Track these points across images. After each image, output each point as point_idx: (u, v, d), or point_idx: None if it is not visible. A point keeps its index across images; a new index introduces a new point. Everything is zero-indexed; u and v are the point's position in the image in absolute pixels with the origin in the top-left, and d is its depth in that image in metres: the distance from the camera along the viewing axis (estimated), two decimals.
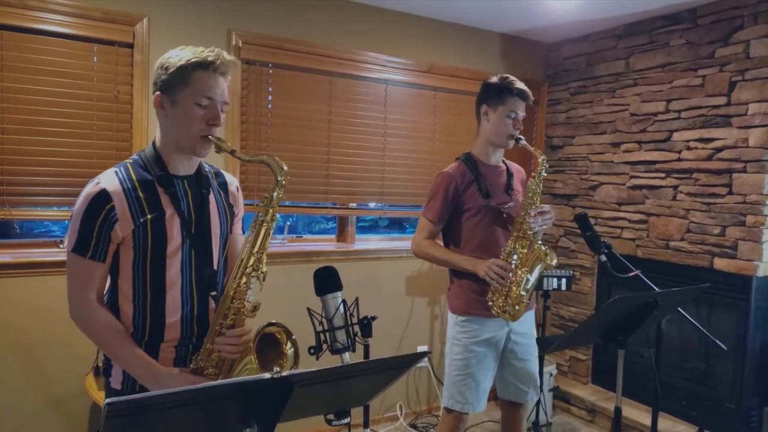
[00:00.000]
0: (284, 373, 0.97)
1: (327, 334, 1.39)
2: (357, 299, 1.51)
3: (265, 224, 1.48)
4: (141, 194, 1.45)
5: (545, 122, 4.12)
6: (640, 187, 3.49)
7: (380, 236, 3.93)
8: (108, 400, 0.85)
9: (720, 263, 3.07)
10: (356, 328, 1.46)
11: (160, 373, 1.44)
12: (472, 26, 3.73)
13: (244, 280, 1.47)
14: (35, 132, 2.59)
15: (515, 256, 2.19)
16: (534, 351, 2.37)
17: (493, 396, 2.61)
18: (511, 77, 2.30)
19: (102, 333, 1.46)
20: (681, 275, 3.28)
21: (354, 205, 3.50)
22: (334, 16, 3.25)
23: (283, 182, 1.50)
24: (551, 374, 3.64)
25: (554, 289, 3.13)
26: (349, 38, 3.31)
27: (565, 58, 3.96)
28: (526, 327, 2.35)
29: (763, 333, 3.04)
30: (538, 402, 3.21)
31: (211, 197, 1.59)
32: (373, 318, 1.48)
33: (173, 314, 1.49)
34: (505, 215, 2.29)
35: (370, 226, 4.79)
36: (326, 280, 1.48)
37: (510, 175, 2.39)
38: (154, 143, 1.53)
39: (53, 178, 2.64)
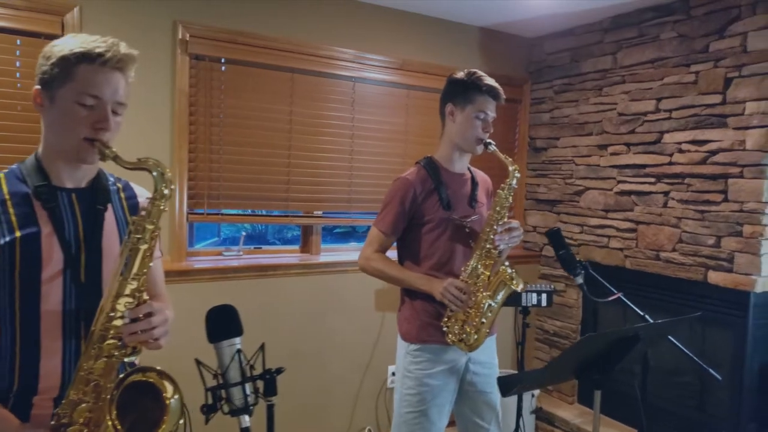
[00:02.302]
0: None
1: (221, 391, 1.12)
2: (263, 345, 1.23)
3: (143, 244, 1.20)
4: (11, 209, 1.19)
5: (528, 122, 3.85)
6: (628, 193, 3.22)
7: (352, 245, 3.64)
8: None
9: (715, 277, 2.80)
10: (258, 384, 1.18)
11: (8, 428, 1.17)
12: (449, 20, 3.46)
13: (118, 313, 1.19)
14: None
15: (478, 277, 1.92)
16: (495, 381, 2.09)
17: None
18: (480, 72, 2.03)
19: None
20: (673, 289, 3.02)
21: (320, 213, 3.22)
22: (296, 8, 2.98)
23: (167, 192, 1.23)
24: (533, 395, 3.37)
25: (534, 305, 2.86)
26: (313, 32, 3.04)
27: (549, 53, 3.69)
28: (486, 356, 2.07)
29: (762, 354, 2.77)
30: (518, 425, 2.95)
31: (109, 214, 1.32)
32: (279, 371, 1.20)
33: (51, 357, 1.22)
34: (467, 230, 2.01)
35: (348, 233, 4.52)
36: (221, 323, 1.20)
37: (475, 184, 2.11)
38: (36, 150, 1.27)
39: None
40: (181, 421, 1.14)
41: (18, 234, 1.18)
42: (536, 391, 3.40)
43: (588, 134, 3.44)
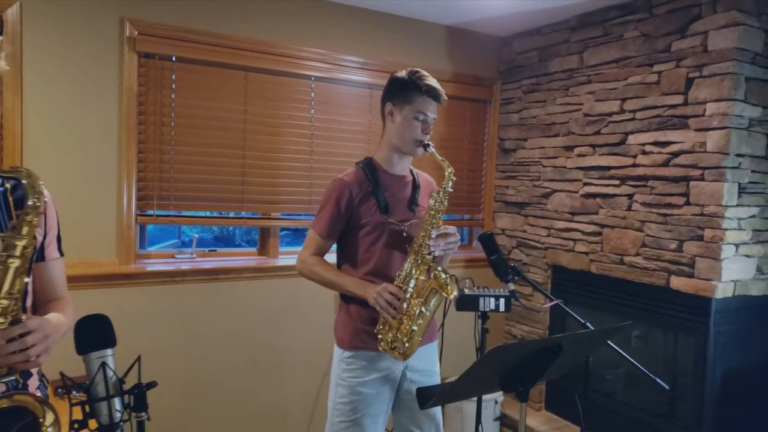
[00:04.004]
0: None
1: (86, 406, 1.05)
2: (139, 357, 1.16)
3: (14, 261, 1.13)
4: None
5: (498, 123, 3.77)
6: (593, 195, 3.15)
7: None
8: None
9: (677, 282, 2.73)
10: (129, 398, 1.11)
11: None
12: (414, 18, 3.39)
13: None
14: None
15: (411, 283, 1.85)
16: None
17: None
18: (422, 72, 1.95)
19: None
20: (636, 294, 2.95)
21: (278, 215, 3.15)
22: (251, 5, 2.91)
23: (38, 204, 1.16)
24: (497, 401, 3.30)
25: (492, 310, 2.78)
26: (268, 29, 2.97)
27: (518, 53, 3.62)
28: (426, 363, 2.00)
29: (723, 360, 2.70)
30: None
31: None
32: (150, 385, 1.13)
33: None
34: (405, 234, 1.94)
35: None
36: (92, 333, 1.13)
37: (416, 187, 2.04)
38: None
39: None
40: None
41: None
42: (500, 398, 3.33)
43: (555, 135, 3.37)
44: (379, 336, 1.85)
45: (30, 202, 1.16)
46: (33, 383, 1.30)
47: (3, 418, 1.05)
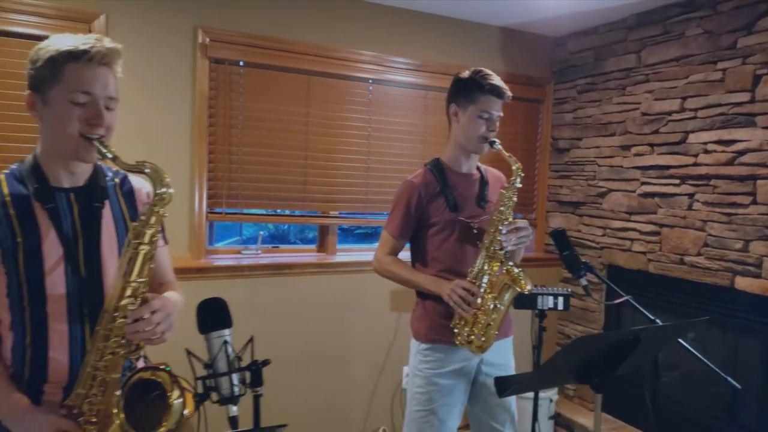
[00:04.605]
0: None
1: (210, 380, 1.15)
2: (252, 338, 1.26)
3: (142, 247, 1.24)
4: (12, 211, 1.24)
5: (551, 123, 3.79)
6: (652, 195, 3.13)
7: (373, 246, 3.66)
8: None
9: (742, 283, 2.70)
10: (246, 374, 1.21)
11: (25, 414, 1.23)
12: (468, 20, 3.44)
13: (119, 314, 1.23)
14: None
15: (485, 278, 1.90)
16: None
17: None
18: (486, 71, 2.00)
19: None
20: (698, 295, 2.92)
21: (336, 213, 3.25)
22: (312, 11, 3.02)
23: (165, 196, 1.26)
24: (551, 399, 3.31)
25: (550, 309, 2.81)
26: (330, 34, 3.07)
27: (572, 52, 3.63)
28: (501, 358, 2.05)
29: None
30: (534, 430, 2.90)
31: (107, 212, 1.36)
32: (265, 363, 1.23)
33: (59, 350, 1.27)
34: (475, 231, 2.00)
35: (369, 234, 4.54)
36: (212, 316, 1.24)
37: (484, 184, 2.09)
38: (34, 151, 1.33)
39: None
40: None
41: (20, 236, 1.23)
42: (554, 396, 3.34)
43: (611, 135, 3.36)
44: (455, 330, 1.91)
45: (158, 193, 1.26)
46: (140, 363, 1.41)
47: (138, 388, 1.16)
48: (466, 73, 2.02)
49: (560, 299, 2.81)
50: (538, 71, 3.72)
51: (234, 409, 1.19)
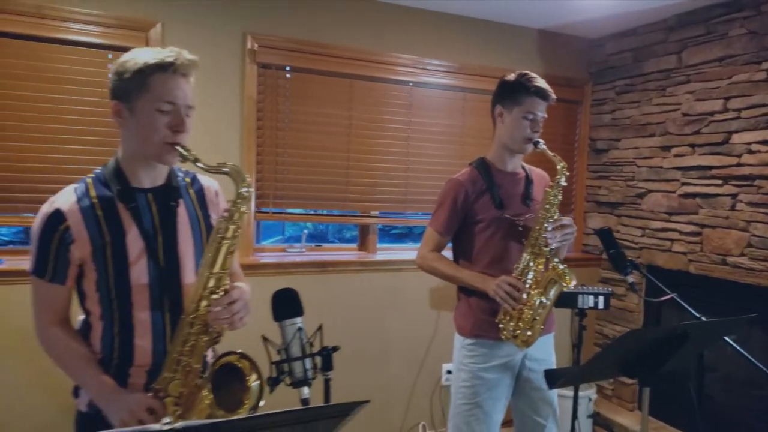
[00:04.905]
0: (177, 425, 0.82)
1: (283, 365, 1.25)
2: (321, 327, 1.36)
3: (225, 241, 1.34)
4: (99, 212, 1.35)
5: (589, 124, 3.80)
6: (693, 195, 3.13)
7: (409, 245, 3.74)
8: None
9: None
10: (317, 360, 1.31)
11: (115, 395, 1.34)
12: (506, 23, 3.49)
13: (204, 303, 1.34)
14: (53, 140, 2.59)
15: (530, 275, 1.95)
16: None
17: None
18: (530, 74, 2.06)
19: (60, 356, 1.40)
20: (741, 296, 2.91)
21: (376, 213, 3.34)
22: (355, 17, 3.11)
23: (246, 194, 1.36)
24: (590, 399, 3.33)
25: (591, 308, 2.83)
26: (371, 39, 3.16)
27: (610, 54, 3.64)
28: (543, 353, 2.10)
29: None
30: (574, 427, 2.93)
31: (181, 210, 1.47)
32: (335, 349, 1.32)
33: (143, 337, 1.38)
34: (521, 228, 2.05)
35: (404, 234, 4.61)
36: (285, 304, 1.34)
37: (529, 182, 2.15)
38: (116, 156, 1.44)
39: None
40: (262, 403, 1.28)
41: (108, 235, 1.34)
42: (593, 395, 3.36)
43: (650, 135, 3.37)
44: (501, 325, 1.97)
45: (239, 192, 1.36)
46: (209, 352, 1.51)
47: (222, 371, 1.26)
48: (511, 76, 2.08)
49: (601, 298, 2.83)
50: (575, 73, 3.74)
51: (306, 391, 1.28)
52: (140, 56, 1.33)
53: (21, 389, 2.54)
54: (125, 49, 2.61)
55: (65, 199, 1.35)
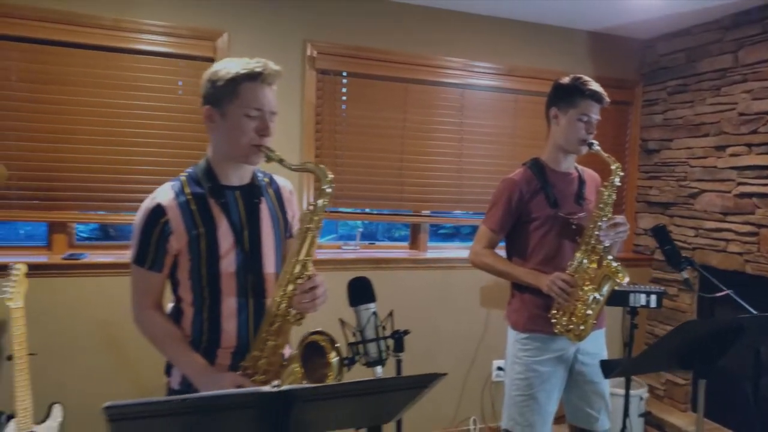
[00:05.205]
0: (284, 388, 0.95)
1: (358, 346, 1.37)
2: (392, 312, 1.47)
3: (310, 232, 1.48)
4: (194, 207, 1.50)
5: (640, 124, 3.80)
6: (749, 195, 3.10)
7: (456, 244, 3.83)
8: (106, 404, 0.88)
9: None
10: (389, 342, 1.43)
11: (207, 373, 1.48)
12: (557, 25, 3.54)
13: (290, 287, 1.47)
14: (128, 143, 2.80)
15: (583, 272, 2.02)
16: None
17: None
18: (585, 78, 2.13)
19: (157, 337, 1.54)
20: None
21: (428, 212, 3.44)
22: (407, 23, 3.23)
23: (328, 190, 1.49)
24: (642, 398, 3.34)
25: (642, 306, 2.86)
26: (424, 44, 3.27)
27: (662, 54, 3.64)
28: (595, 347, 2.16)
29: None
30: (625, 426, 2.95)
31: (263, 206, 1.61)
32: (406, 332, 1.44)
33: (229, 321, 1.53)
34: (574, 226, 2.12)
35: (451, 234, 4.69)
36: (360, 291, 1.47)
37: (582, 182, 2.22)
38: (207, 156, 1.58)
39: (144, 186, 2.81)
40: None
41: (201, 228, 1.49)
42: (645, 394, 3.36)
43: (704, 135, 3.35)
44: (554, 320, 2.05)
45: (322, 188, 1.50)
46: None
47: (308, 350, 1.41)
48: (566, 79, 2.15)
49: (653, 297, 2.86)
50: (626, 74, 3.75)
51: (380, 370, 1.40)
52: (231, 66, 1.48)
53: (104, 375, 2.75)
54: (194, 58, 2.85)
55: (165, 195, 1.50)
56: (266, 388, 0.94)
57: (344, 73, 3.15)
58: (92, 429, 2.67)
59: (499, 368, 3.40)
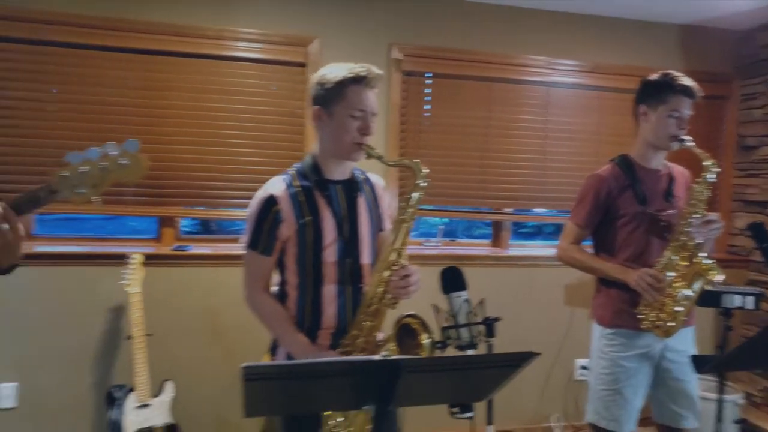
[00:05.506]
0: (392, 357, 1.06)
1: (451, 330, 1.45)
2: (483, 300, 1.55)
3: (405, 223, 1.59)
4: (302, 198, 1.65)
5: (737, 120, 3.64)
6: None
7: (539, 242, 3.83)
8: (244, 365, 1.02)
9: None
10: (480, 328, 1.51)
11: (311, 351, 1.62)
12: (644, 20, 3.46)
13: (386, 273, 1.59)
14: (227, 144, 3.04)
15: (672, 269, 2.00)
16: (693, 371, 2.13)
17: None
18: (675, 73, 2.11)
19: (267, 316, 1.71)
20: None
21: (510, 210, 3.47)
22: (491, 23, 3.28)
23: (423, 185, 1.60)
24: (737, 404, 3.19)
25: (738, 308, 2.74)
26: (507, 43, 3.31)
27: (763, 46, 3.46)
28: (684, 344, 2.13)
29: None
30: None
31: (361, 200, 1.75)
32: (496, 319, 1.51)
33: (330, 304, 1.67)
34: (663, 224, 2.10)
35: (533, 233, 4.68)
36: (452, 280, 1.57)
37: (672, 179, 2.19)
38: (313, 152, 1.73)
39: (241, 184, 3.06)
40: None
41: (308, 217, 1.64)
42: (740, 401, 3.22)
43: None
44: (641, 316, 2.04)
45: (416, 183, 1.61)
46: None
47: (401, 331, 1.53)
48: (655, 76, 2.13)
49: (749, 298, 2.72)
50: (720, 67, 3.61)
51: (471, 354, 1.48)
52: (338, 70, 1.62)
53: (208, 356, 3.00)
54: (287, 64, 3.04)
55: (277, 186, 1.66)
56: (377, 357, 1.05)
57: (428, 74, 3.25)
58: (198, 405, 2.93)
59: (583, 367, 3.37)
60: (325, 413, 1.54)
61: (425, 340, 1.48)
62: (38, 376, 2.81)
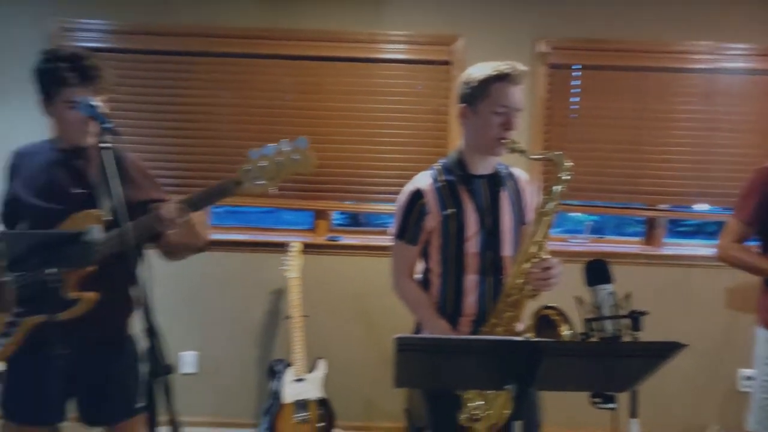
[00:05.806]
0: (536, 339, 1.11)
1: (594, 322, 1.45)
2: (629, 294, 1.53)
3: (546, 216, 1.62)
4: (446, 192, 1.76)
5: None
6: None
7: (698, 242, 3.54)
8: (397, 336, 1.15)
9: None
10: (626, 321, 1.48)
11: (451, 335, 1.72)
12: None
13: (527, 264, 1.64)
14: (375, 142, 3.23)
15: None
16: None
17: None
18: None
19: (411, 302, 1.83)
20: None
21: (665, 206, 3.26)
22: (641, 9, 3.10)
23: (566, 178, 1.62)
24: None
25: None
26: (663, 29, 3.11)
27: None
28: None
29: None
30: None
31: (504, 194, 1.80)
32: (643, 313, 1.47)
33: (470, 293, 1.75)
34: None
35: (693, 232, 4.32)
36: (597, 273, 1.55)
37: None
38: (459, 148, 1.82)
39: (387, 179, 3.23)
40: None
41: (451, 210, 1.74)
42: None
43: None
44: None
45: (560, 176, 1.63)
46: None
47: (540, 322, 1.55)
48: None
49: None
50: None
51: None
52: (483, 69, 1.69)
53: (356, 338, 3.23)
54: (431, 63, 3.14)
55: (423, 181, 1.78)
56: (522, 338, 1.12)
57: (576, 66, 3.17)
58: (347, 383, 3.17)
59: (748, 377, 3.07)
60: (466, 396, 1.62)
61: (565, 332, 1.49)
62: (214, 347, 3.24)
